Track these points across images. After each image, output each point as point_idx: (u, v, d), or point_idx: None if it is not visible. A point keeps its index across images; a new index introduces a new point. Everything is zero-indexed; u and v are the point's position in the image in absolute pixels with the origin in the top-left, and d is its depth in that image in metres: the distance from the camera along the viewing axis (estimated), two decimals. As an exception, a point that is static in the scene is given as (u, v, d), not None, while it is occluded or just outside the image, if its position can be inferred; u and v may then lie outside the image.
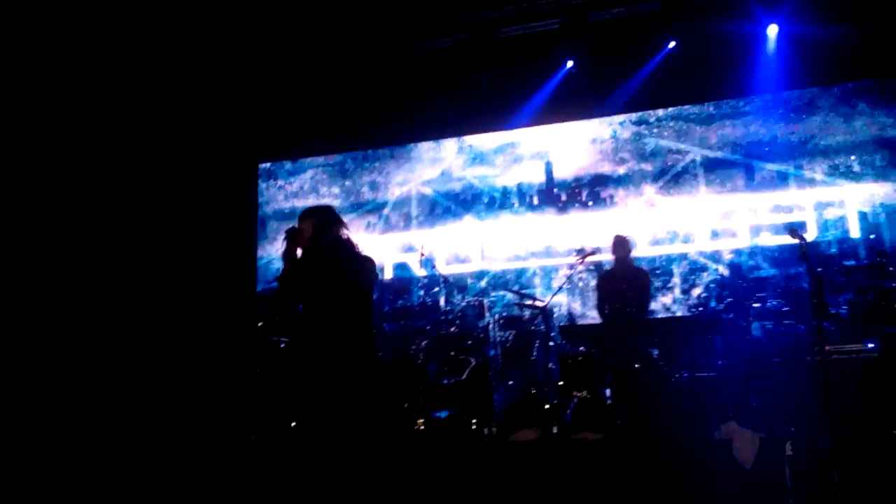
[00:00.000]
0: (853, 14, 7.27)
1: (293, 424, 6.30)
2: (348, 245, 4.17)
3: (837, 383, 4.10)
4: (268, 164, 9.80)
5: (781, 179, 8.05)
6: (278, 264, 4.27)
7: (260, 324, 7.47)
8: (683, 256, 8.22)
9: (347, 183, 9.53)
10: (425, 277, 8.85)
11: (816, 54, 7.65)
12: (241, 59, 8.57)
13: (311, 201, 9.40)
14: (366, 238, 9.25)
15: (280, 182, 9.76)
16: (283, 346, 6.98)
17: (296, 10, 7.79)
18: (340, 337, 3.95)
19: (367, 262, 4.20)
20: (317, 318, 3.99)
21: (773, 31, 7.83)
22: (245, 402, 6.83)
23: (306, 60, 8.61)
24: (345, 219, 9.40)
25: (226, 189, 9.10)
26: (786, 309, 7.03)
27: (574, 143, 8.82)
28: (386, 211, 9.35)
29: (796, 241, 4.41)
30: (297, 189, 9.65)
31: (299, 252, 4.08)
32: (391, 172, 9.42)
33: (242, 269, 9.10)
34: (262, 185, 9.77)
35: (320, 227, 4.14)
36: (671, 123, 8.54)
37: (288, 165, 9.78)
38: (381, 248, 9.23)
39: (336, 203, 9.39)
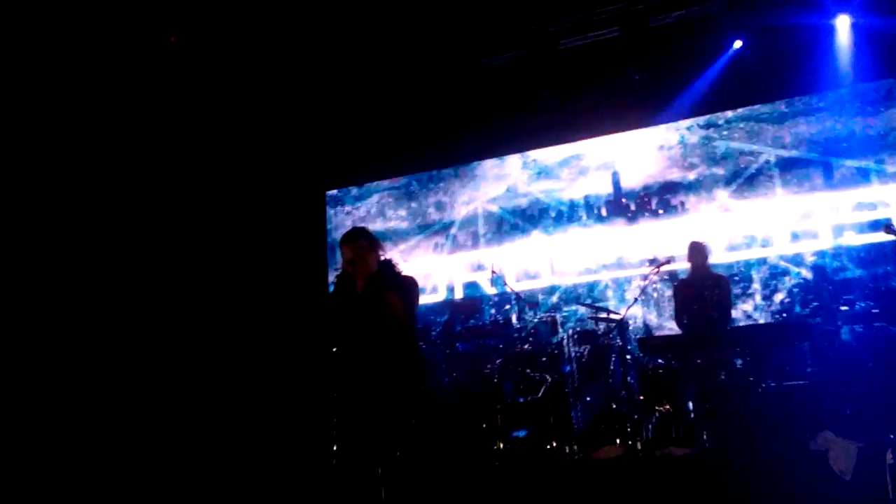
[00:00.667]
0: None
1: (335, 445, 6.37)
2: (391, 267, 4.18)
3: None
4: (334, 191, 9.93)
5: (862, 176, 7.71)
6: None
7: (335, 349, 7.56)
8: (763, 261, 7.93)
9: (413, 205, 9.57)
10: (496, 295, 8.79)
11: (890, 43, 7.36)
12: (304, 90, 8.77)
13: (379, 225, 9.48)
14: (434, 259, 9.27)
15: (347, 208, 9.87)
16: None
17: (353, 36, 7.92)
18: (394, 358, 3.96)
19: (414, 283, 4.23)
20: (373, 339, 4.00)
21: (842, 22, 7.57)
22: (323, 426, 6.89)
23: (368, 85, 8.73)
24: (413, 241, 9.57)
25: (295, 219, 9.31)
26: (876, 311, 6.68)
27: (641, 151, 8.66)
28: (453, 230, 9.35)
29: (892, 237, 4.17)
30: (364, 214, 9.74)
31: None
32: (456, 192, 9.42)
33: (315, 295, 9.25)
34: (330, 212, 9.91)
35: (370, 247, 4.12)
36: (741, 125, 8.29)
37: (354, 191, 9.89)
38: (450, 267, 9.23)
39: (403, 225, 9.45)
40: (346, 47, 8.13)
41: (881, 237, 7.06)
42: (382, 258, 4.19)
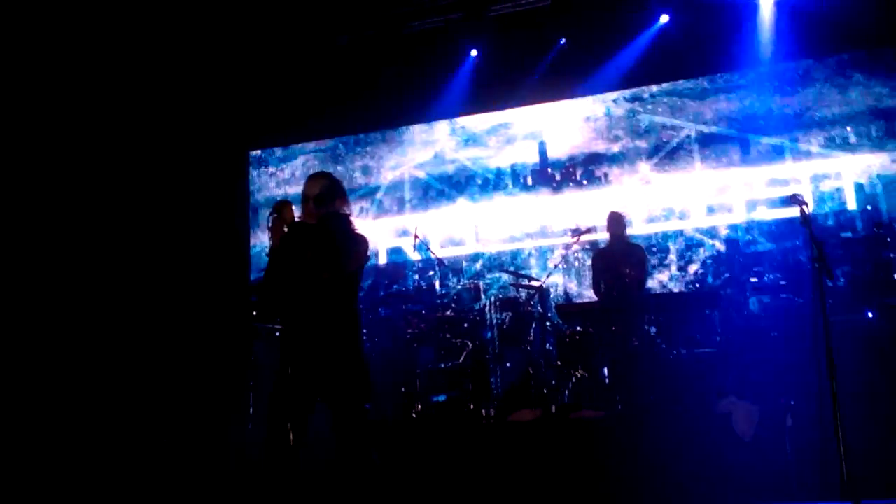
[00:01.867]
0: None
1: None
2: (346, 221, 4.00)
3: (838, 351, 4.03)
4: (258, 152, 9.70)
5: (777, 153, 7.97)
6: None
7: (255, 312, 7.42)
8: (679, 233, 8.15)
9: (339, 168, 9.43)
10: (420, 261, 8.77)
11: (811, 25, 7.57)
12: (227, 48, 8.48)
13: (304, 188, 9.30)
14: (359, 223, 9.14)
15: (271, 169, 9.66)
16: (277, 334, 6.92)
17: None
18: (327, 317, 3.82)
19: (363, 242, 4.02)
20: (303, 296, 3.84)
21: (766, 1, 7.74)
22: (240, 391, 6.79)
23: (295, 45, 8.52)
24: (338, 204, 9.39)
25: (216, 178, 9.05)
26: (783, 283, 6.96)
27: (568, 122, 8.73)
28: (379, 195, 9.27)
29: (797, 208, 4.31)
30: (288, 176, 9.55)
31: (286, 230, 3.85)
32: (383, 156, 9.33)
33: (235, 257, 9.06)
34: (254, 173, 9.69)
35: (328, 191, 3.92)
36: (665, 99, 8.44)
37: (279, 152, 9.68)
38: (375, 232, 9.15)
39: (329, 189, 9.30)
40: (277, 5, 7.90)
41: (792, 212, 7.36)
42: (337, 211, 3.97)
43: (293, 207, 3.90)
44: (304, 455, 3.78)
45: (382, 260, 9.08)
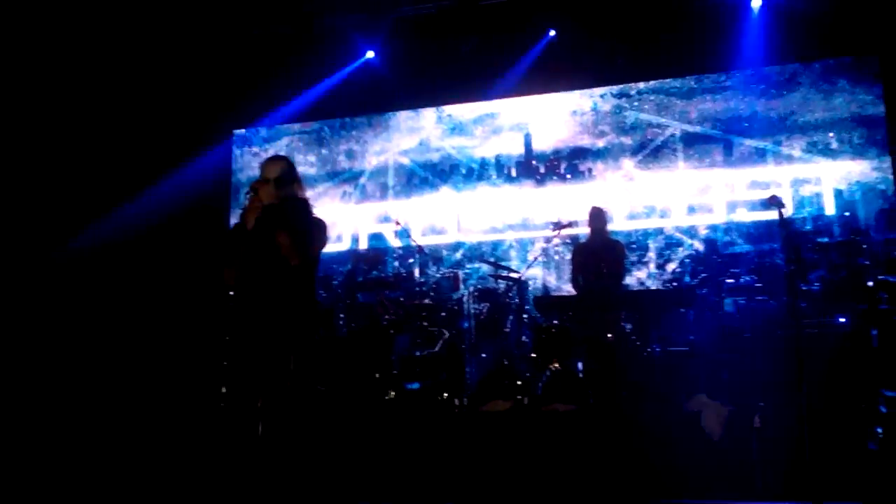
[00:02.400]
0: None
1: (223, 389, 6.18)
2: (304, 205, 3.99)
3: (810, 355, 4.07)
4: (242, 131, 9.62)
5: (759, 156, 8.02)
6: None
7: (231, 293, 7.38)
8: (659, 231, 8.19)
9: (324, 151, 9.38)
10: (400, 248, 8.77)
11: (799, 29, 7.59)
12: (214, 24, 8.39)
13: (287, 169, 9.23)
14: (342, 207, 9.14)
15: (255, 149, 9.60)
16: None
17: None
18: (281, 302, 3.81)
19: (321, 226, 4.01)
20: (260, 278, 3.83)
21: (756, 2, 7.77)
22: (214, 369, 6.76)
23: (282, 24, 8.44)
24: (321, 187, 9.34)
25: (198, 155, 8.97)
26: (758, 285, 7.01)
27: (554, 115, 8.73)
28: (362, 180, 9.23)
29: (776, 211, 4.33)
30: (272, 156, 9.47)
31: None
32: (368, 141, 9.28)
33: (215, 234, 8.98)
34: (237, 152, 9.61)
35: (287, 175, 3.93)
36: (652, 97, 8.46)
37: (263, 132, 9.61)
38: (357, 217, 9.13)
39: (312, 171, 9.25)
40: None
41: (770, 215, 7.41)
42: (294, 195, 3.98)
43: (270, 187, 3.86)
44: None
45: (363, 245, 9.05)
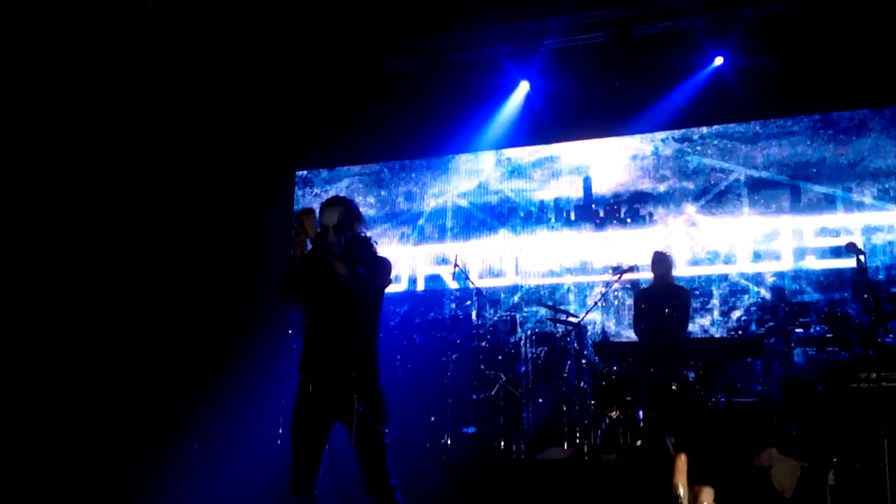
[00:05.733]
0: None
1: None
2: (368, 243, 3.99)
3: (888, 409, 3.88)
4: (304, 172, 9.80)
5: (829, 202, 7.79)
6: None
7: (290, 332, 7.45)
8: (724, 278, 7.98)
9: (383, 193, 9.48)
10: (458, 290, 8.74)
11: (868, 74, 7.42)
12: (280, 67, 8.63)
13: (347, 210, 9.35)
14: (400, 249, 9.19)
15: (316, 190, 9.75)
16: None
17: (334, 18, 7.82)
18: (352, 337, 3.80)
19: (385, 263, 3.98)
20: (329, 313, 3.83)
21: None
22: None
23: (346, 68, 8.63)
24: (380, 228, 9.41)
25: (262, 197, 9.16)
26: (829, 336, 6.77)
27: (614, 159, 8.67)
28: (421, 222, 9.28)
29: (846, 259, 4.18)
30: (330, 198, 9.61)
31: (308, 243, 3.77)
32: (427, 183, 9.35)
33: (275, 276, 9.11)
34: (299, 193, 9.78)
35: (346, 218, 3.93)
36: (715, 141, 8.33)
37: (324, 174, 9.77)
38: (415, 259, 9.16)
39: (371, 212, 9.35)
40: (326, 26, 8.03)
41: (841, 263, 7.18)
42: (356, 235, 3.94)
43: (315, 215, 3.84)
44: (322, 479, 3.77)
45: (420, 287, 9.05)
